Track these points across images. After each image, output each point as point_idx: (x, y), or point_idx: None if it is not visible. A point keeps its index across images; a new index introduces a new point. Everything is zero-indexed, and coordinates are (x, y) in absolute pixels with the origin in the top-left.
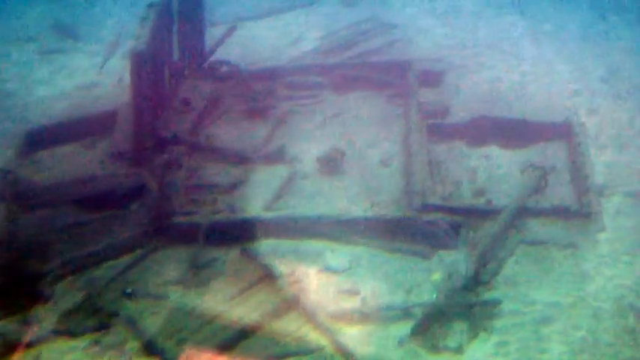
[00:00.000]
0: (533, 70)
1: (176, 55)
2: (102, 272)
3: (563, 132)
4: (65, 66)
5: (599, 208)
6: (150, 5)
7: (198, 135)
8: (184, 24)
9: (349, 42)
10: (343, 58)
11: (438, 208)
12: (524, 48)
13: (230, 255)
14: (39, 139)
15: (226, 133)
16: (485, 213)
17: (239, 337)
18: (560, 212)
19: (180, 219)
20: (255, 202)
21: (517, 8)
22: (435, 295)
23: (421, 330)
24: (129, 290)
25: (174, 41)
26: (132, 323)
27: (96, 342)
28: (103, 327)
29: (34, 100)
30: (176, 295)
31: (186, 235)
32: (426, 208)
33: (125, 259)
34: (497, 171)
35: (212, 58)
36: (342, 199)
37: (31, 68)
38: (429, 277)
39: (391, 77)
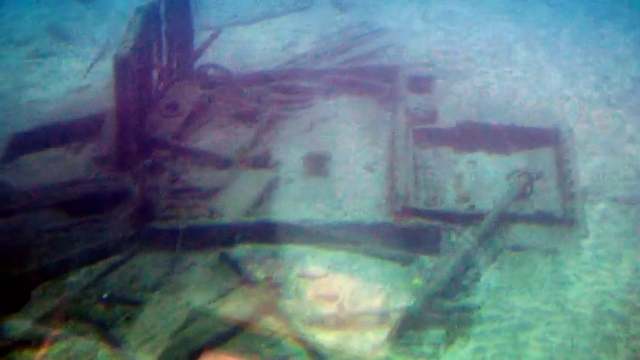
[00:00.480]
0: (524, 75)
1: (165, 59)
2: (79, 278)
3: (551, 138)
4: (57, 69)
5: (583, 215)
6: (137, 9)
7: (184, 139)
8: (173, 28)
9: (342, 46)
10: (335, 62)
11: (419, 213)
12: (516, 53)
13: (208, 260)
14: (24, 143)
15: (213, 137)
16: (468, 218)
17: (214, 342)
18: (544, 218)
19: (159, 223)
20: (237, 207)
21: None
22: (412, 301)
23: (397, 336)
24: (105, 296)
25: (163, 45)
26: (104, 329)
27: (68, 349)
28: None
29: (24, 103)
30: (152, 301)
31: (165, 240)
32: (408, 212)
33: (103, 264)
34: (483, 176)
35: (200, 62)
36: (324, 204)
37: (23, 71)
38: (409, 282)
39: (381, 82)
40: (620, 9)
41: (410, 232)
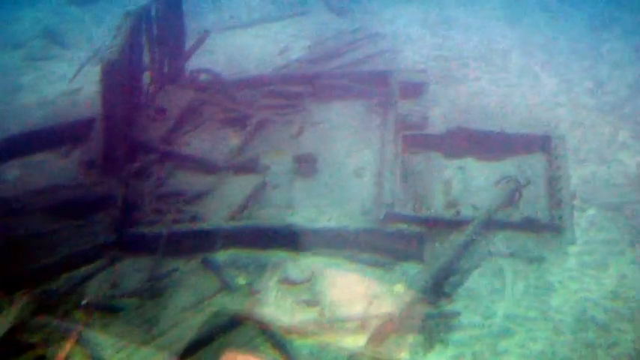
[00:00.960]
0: (519, 81)
1: (156, 63)
2: (59, 283)
3: (541, 145)
4: (51, 73)
5: (571, 222)
6: (126, 14)
7: (172, 143)
8: (164, 32)
9: (336, 51)
10: (329, 67)
11: (404, 219)
12: (512, 60)
13: (190, 265)
14: (11, 147)
15: (202, 142)
16: (453, 224)
17: (191, 349)
18: (530, 225)
19: (141, 229)
20: (221, 212)
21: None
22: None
23: (376, 342)
24: (84, 302)
25: (155, 49)
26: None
27: (43, 356)
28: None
29: (16, 107)
30: (131, 307)
31: (148, 245)
32: (392, 218)
33: (83, 270)
34: (472, 183)
35: (193, 66)
36: (311, 209)
37: (16, 74)
38: (391, 288)
39: (373, 87)
40: (619, 16)
41: (393, 237)
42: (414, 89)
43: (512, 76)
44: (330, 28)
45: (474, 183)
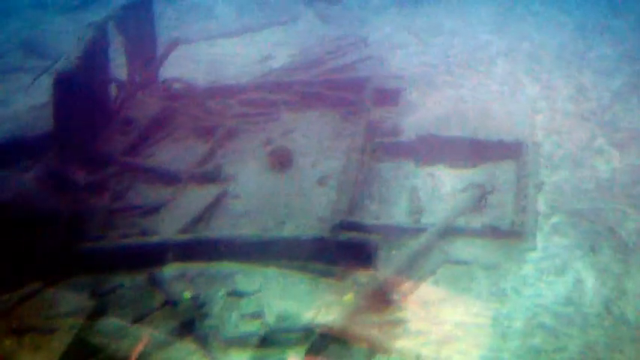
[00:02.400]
0: (500, 88)
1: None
2: None
3: (514, 151)
4: (25, 85)
5: (533, 228)
6: (88, 24)
7: (137, 155)
8: (133, 42)
9: (318, 59)
10: (310, 75)
11: (358, 227)
12: (496, 66)
13: (136, 281)
14: None
15: (169, 153)
16: (412, 232)
17: None
18: (491, 232)
19: (85, 245)
20: (176, 224)
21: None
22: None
23: (316, 352)
24: (14, 326)
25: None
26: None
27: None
28: None
29: None
30: (65, 327)
31: (92, 262)
32: (346, 226)
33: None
34: (440, 190)
35: (167, 76)
36: (269, 219)
37: None
38: (341, 298)
39: (349, 94)
40: (610, 22)
41: (345, 246)
42: (391, 96)
43: (495, 83)
44: (316, 36)
45: (442, 190)
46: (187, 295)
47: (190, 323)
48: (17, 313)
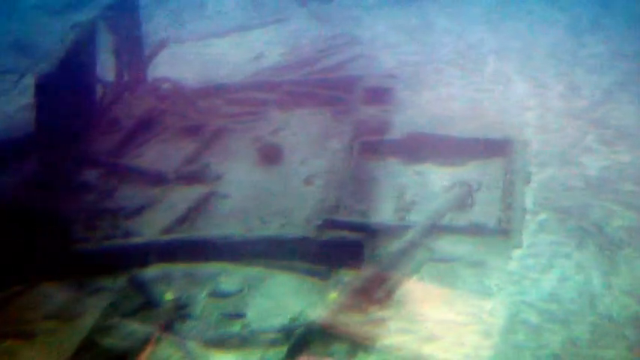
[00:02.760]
0: (491, 86)
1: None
2: None
3: (502, 149)
4: (16, 86)
5: (519, 226)
6: (73, 25)
7: (123, 155)
8: (120, 43)
9: (310, 58)
10: (301, 74)
11: (344, 226)
12: (487, 65)
13: (118, 283)
14: None
15: (156, 153)
16: (396, 230)
17: None
18: (477, 229)
19: (68, 247)
20: (160, 225)
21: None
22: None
23: (297, 352)
24: None
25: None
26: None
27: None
28: None
29: None
30: (45, 331)
31: (74, 265)
32: (331, 225)
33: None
34: (428, 188)
35: (157, 75)
36: (255, 219)
37: None
38: (325, 297)
39: (339, 93)
40: (603, 20)
41: (329, 245)
42: (382, 95)
43: (486, 81)
44: (309, 35)
45: (429, 188)
46: (169, 296)
47: (170, 324)
48: None
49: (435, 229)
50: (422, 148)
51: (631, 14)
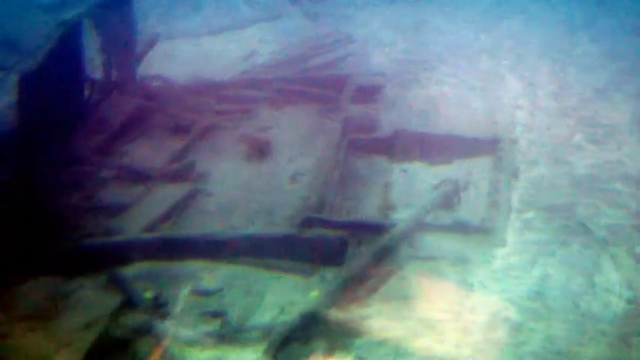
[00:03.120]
0: (483, 85)
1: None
2: None
3: (490, 147)
4: (4, 84)
5: (504, 224)
6: (59, 23)
7: (110, 154)
8: (109, 41)
9: (302, 56)
10: (292, 71)
11: (326, 224)
12: (480, 63)
13: (98, 281)
14: None
15: (143, 151)
16: (381, 228)
17: None
18: (461, 228)
19: (49, 246)
20: (140, 224)
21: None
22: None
23: (274, 350)
24: None
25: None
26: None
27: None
28: None
29: None
30: (17, 332)
31: (54, 263)
32: (314, 223)
33: None
34: (414, 186)
35: (146, 73)
36: (239, 217)
37: None
38: (307, 295)
39: (329, 91)
40: (597, 19)
41: (312, 243)
42: (371, 93)
43: (477, 80)
44: (302, 33)
45: (416, 187)
46: (149, 294)
47: (149, 323)
48: None
49: (419, 226)
50: (409, 146)
51: (624, 14)
